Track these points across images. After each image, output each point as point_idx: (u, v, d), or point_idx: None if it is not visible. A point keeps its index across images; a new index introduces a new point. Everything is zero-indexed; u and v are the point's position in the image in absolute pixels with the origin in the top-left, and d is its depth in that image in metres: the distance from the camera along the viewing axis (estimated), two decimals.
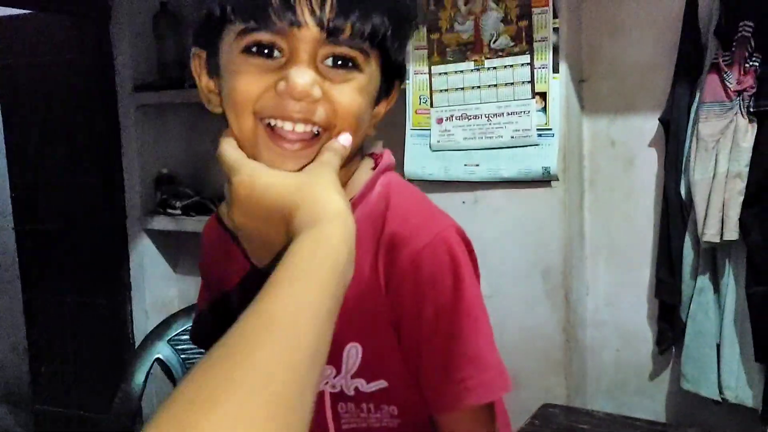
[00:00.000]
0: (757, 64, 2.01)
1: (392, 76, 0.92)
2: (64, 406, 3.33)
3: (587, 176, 2.45)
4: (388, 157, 0.98)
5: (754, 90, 2.01)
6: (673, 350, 2.36)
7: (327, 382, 0.94)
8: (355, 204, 0.90)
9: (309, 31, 0.80)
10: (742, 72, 2.03)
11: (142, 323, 3.19)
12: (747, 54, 2.02)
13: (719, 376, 2.17)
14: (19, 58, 3.33)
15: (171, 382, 2.36)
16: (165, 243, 3.31)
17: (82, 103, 3.24)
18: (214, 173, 3.23)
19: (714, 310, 2.18)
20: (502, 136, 2.31)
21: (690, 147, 2.13)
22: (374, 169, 0.95)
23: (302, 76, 0.79)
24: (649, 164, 2.35)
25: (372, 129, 0.93)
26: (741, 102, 2.03)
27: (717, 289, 2.18)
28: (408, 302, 0.89)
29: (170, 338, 2.35)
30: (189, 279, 3.33)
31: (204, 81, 0.92)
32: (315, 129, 0.83)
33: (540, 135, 2.26)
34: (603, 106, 2.39)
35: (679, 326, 2.26)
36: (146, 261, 3.27)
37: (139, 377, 2.27)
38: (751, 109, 2.01)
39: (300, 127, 0.82)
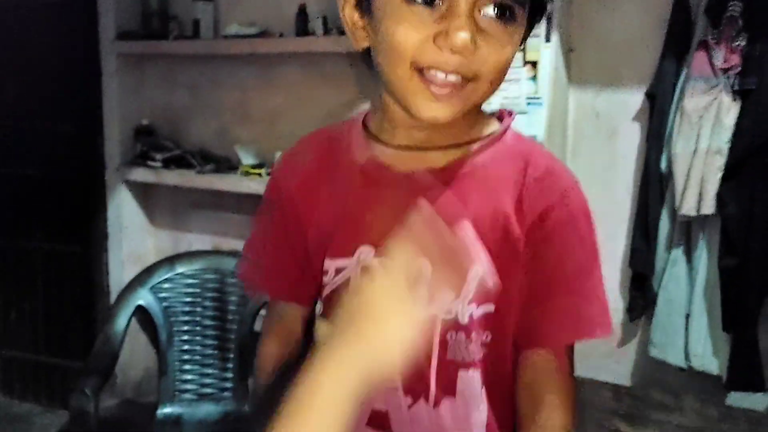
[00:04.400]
0: (743, 43, 2.05)
1: (533, 19, 0.92)
2: (34, 352, 3.31)
3: (570, 145, 2.49)
4: (512, 113, 1.02)
5: (739, 68, 2.05)
6: (643, 319, 2.42)
7: (444, 308, 0.93)
8: (492, 142, 0.97)
9: None
10: (729, 50, 2.07)
11: (118, 273, 3.17)
12: (735, 33, 2.06)
13: (686, 344, 2.24)
14: None
15: (152, 329, 2.38)
16: (143, 195, 3.29)
17: (63, 47, 3.17)
18: (193, 127, 3.22)
19: (686, 281, 2.24)
20: (491, 103, 2.33)
21: (674, 121, 2.17)
22: (498, 119, 1.00)
23: (463, 32, 0.81)
24: (631, 136, 2.40)
25: None
26: (726, 80, 2.07)
27: (690, 261, 2.23)
28: (554, 228, 0.93)
29: (152, 285, 2.37)
30: (165, 232, 3.32)
31: (348, 13, 0.92)
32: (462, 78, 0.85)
33: (529, 103, 2.29)
34: (590, 77, 2.43)
35: (650, 296, 2.32)
36: (124, 212, 3.24)
37: (121, 322, 2.28)
38: (736, 87, 2.06)
39: (452, 77, 0.84)
